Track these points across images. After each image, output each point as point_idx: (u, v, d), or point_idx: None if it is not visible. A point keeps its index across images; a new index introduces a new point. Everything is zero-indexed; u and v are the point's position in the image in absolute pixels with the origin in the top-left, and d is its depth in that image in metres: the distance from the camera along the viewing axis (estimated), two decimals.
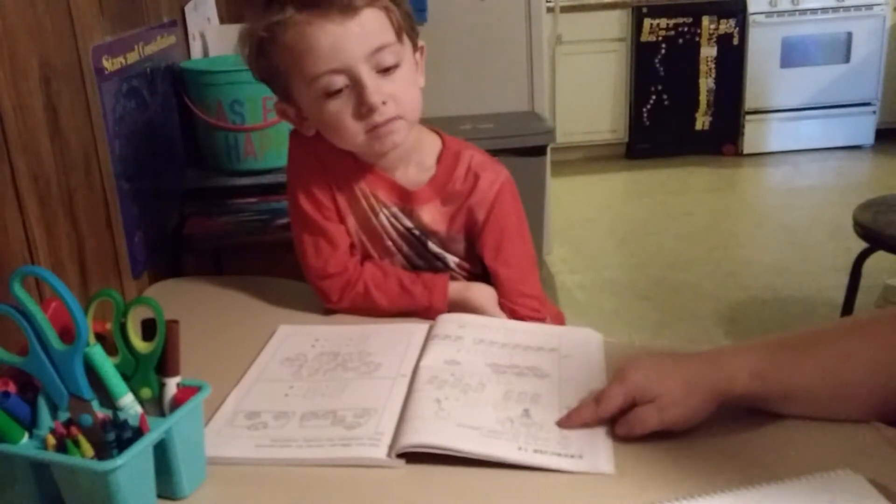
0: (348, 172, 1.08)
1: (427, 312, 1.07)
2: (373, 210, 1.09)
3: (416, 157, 1.08)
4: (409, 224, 1.09)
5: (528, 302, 1.10)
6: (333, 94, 0.97)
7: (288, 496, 0.73)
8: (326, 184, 1.08)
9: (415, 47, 1.03)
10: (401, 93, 0.99)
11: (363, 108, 0.97)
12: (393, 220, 1.09)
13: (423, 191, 1.08)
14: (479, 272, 1.12)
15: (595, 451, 0.75)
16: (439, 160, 1.08)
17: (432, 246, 1.10)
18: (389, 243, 1.10)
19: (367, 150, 1.03)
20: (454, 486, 0.73)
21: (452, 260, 1.11)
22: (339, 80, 0.96)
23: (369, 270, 1.09)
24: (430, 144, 1.10)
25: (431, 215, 1.08)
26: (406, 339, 0.99)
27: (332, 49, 0.94)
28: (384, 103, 0.97)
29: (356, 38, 0.94)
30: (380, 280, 1.09)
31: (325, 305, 1.10)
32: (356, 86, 0.96)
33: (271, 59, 0.99)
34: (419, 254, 1.11)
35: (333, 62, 0.95)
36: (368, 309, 1.09)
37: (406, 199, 1.08)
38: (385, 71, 0.97)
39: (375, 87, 0.96)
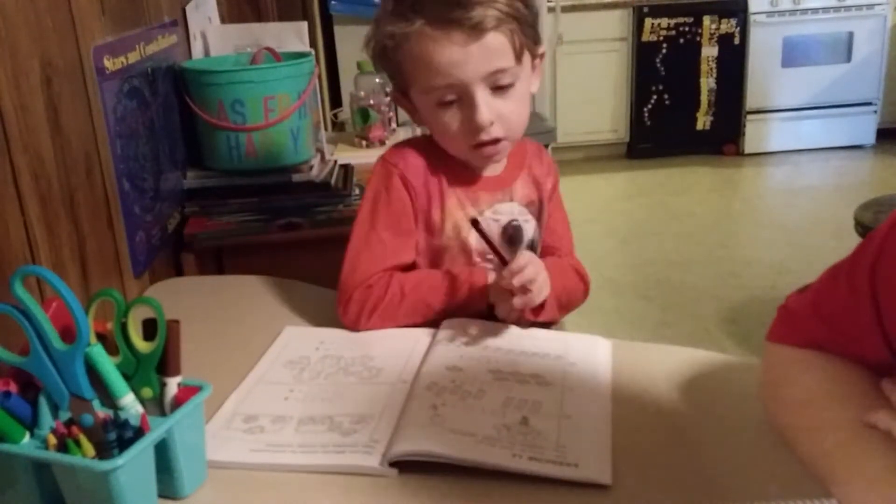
0: (447, 182, 1.08)
1: (471, 280, 1.04)
2: (468, 218, 1.07)
3: None
4: (510, 210, 1.10)
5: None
6: (446, 104, 1.00)
7: (289, 497, 0.73)
8: (417, 204, 1.07)
9: (534, 56, 1.05)
10: (510, 112, 1.02)
11: (471, 125, 1.00)
12: (493, 221, 1.09)
13: (512, 168, 1.12)
14: None
15: (592, 461, 0.74)
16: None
17: (527, 232, 1.11)
18: (478, 256, 1.09)
19: (468, 160, 1.08)
20: (448, 495, 0.72)
21: (538, 245, 1.14)
22: (453, 94, 0.99)
23: (398, 276, 1.05)
24: None
25: (524, 189, 1.13)
26: (410, 345, 0.98)
27: (450, 66, 0.97)
28: (492, 123, 1.00)
29: (475, 60, 0.96)
30: (413, 276, 1.06)
31: (347, 323, 1.04)
32: (468, 102, 0.99)
33: (393, 62, 1.02)
34: (516, 251, 1.08)
35: (450, 78, 0.98)
36: (403, 308, 1.03)
37: (502, 184, 1.11)
38: (499, 89, 1.00)
39: (486, 107, 0.99)
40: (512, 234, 1.11)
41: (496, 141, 1.02)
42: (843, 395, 0.67)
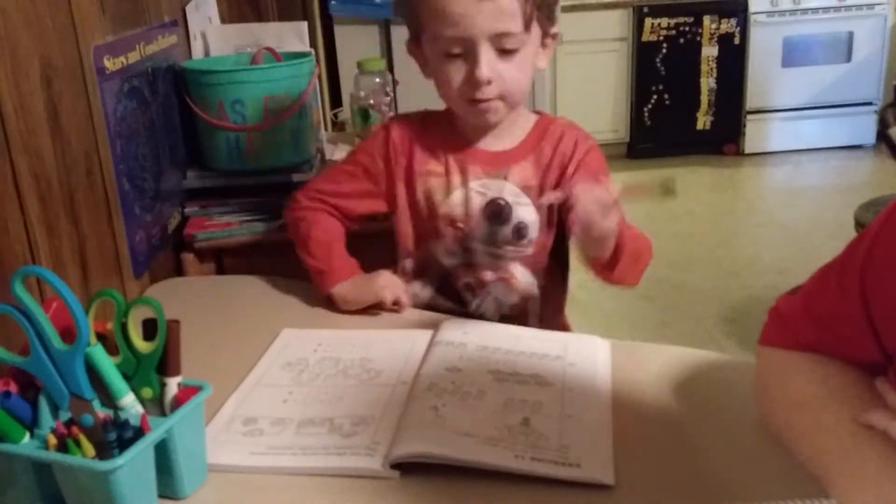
0: (439, 148, 1.15)
1: (320, 276, 1.14)
2: (448, 187, 1.13)
3: (509, 130, 1.15)
4: (500, 188, 1.12)
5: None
6: (451, 56, 1.05)
7: (290, 498, 0.73)
8: (391, 167, 1.15)
9: (546, 34, 1.10)
10: (509, 76, 1.05)
11: (471, 79, 1.04)
12: (478, 193, 1.12)
13: (517, 150, 1.15)
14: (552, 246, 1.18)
15: (595, 461, 0.74)
16: (532, 129, 1.16)
17: (518, 215, 1.12)
18: (454, 225, 1.13)
19: (464, 116, 1.12)
20: (449, 497, 0.72)
21: (532, 231, 1.13)
22: (459, 47, 1.03)
23: (319, 223, 1.18)
24: (526, 120, 1.17)
25: (524, 172, 1.14)
26: (409, 346, 0.98)
27: (460, 17, 1.01)
28: (489, 82, 1.04)
29: (485, 16, 1.01)
30: (321, 231, 1.18)
31: (290, 206, 1.22)
32: (472, 58, 1.03)
33: (412, 7, 1.08)
34: (497, 229, 1.13)
35: (458, 30, 1.02)
36: (294, 235, 1.20)
37: (499, 162, 1.14)
38: (504, 52, 1.04)
39: (488, 65, 1.03)
40: (493, 211, 1.12)
41: (491, 100, 1.06)
42: (838, 397, 0.67)
